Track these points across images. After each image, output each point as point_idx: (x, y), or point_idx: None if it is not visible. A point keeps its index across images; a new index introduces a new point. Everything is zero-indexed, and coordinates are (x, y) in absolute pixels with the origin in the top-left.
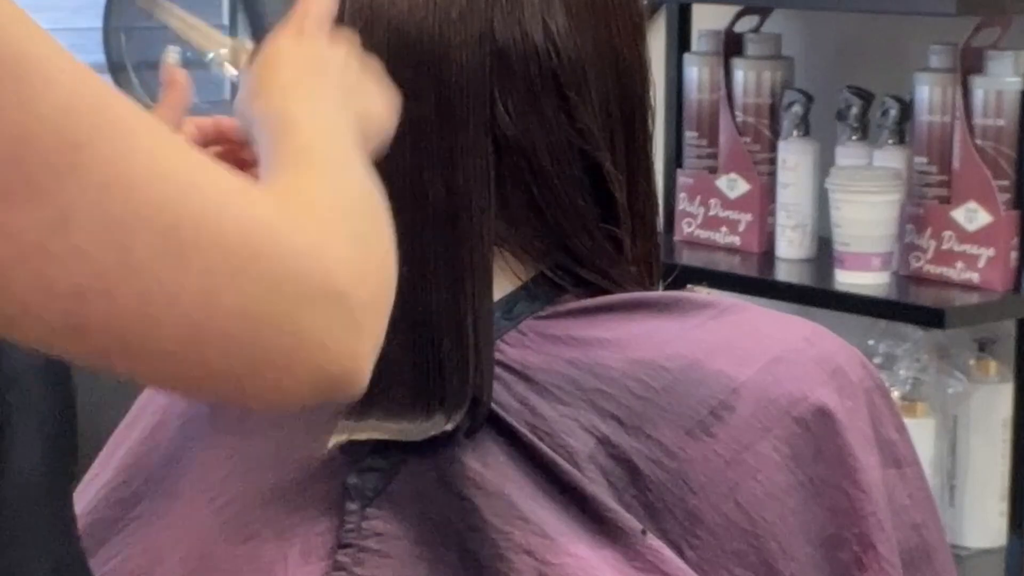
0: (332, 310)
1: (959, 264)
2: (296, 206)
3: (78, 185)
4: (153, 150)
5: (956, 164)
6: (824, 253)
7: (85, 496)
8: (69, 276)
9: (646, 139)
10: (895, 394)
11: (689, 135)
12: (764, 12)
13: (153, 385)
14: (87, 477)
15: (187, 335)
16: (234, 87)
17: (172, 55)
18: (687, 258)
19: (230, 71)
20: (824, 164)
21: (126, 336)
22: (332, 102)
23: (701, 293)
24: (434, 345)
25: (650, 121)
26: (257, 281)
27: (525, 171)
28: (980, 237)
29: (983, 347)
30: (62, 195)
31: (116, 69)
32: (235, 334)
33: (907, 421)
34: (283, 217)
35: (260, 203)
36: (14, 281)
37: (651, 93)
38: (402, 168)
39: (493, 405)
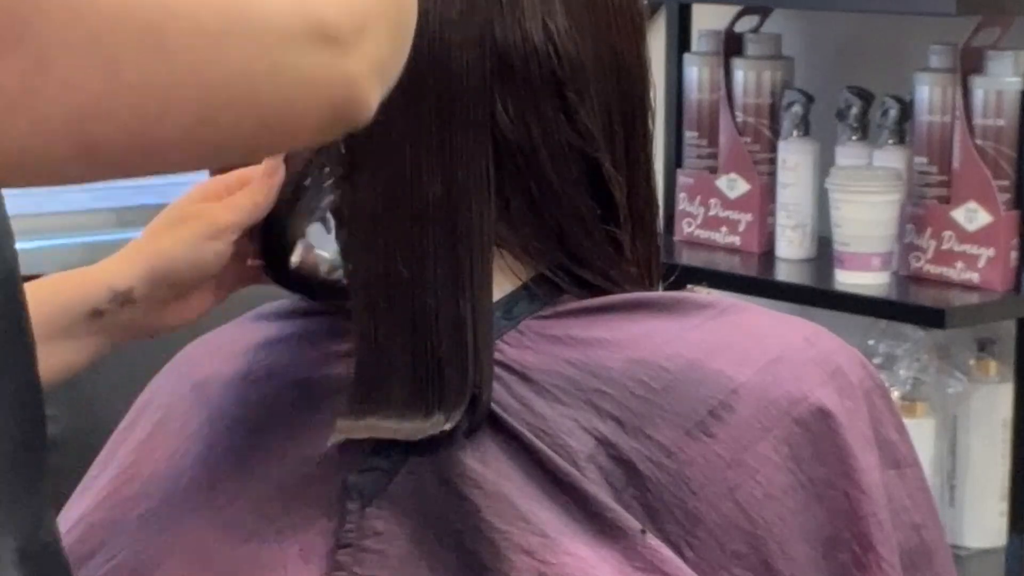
0: (317, 44)
1: (959, 264)
2: None
3: (43, 20)
4: None
5: (956, 164)
6: (824, 253)
7: (85, 497)
8: (64, 110)
9: (646, 140)
10: (895, 394)
11: (689, 135)
12: (764, 12)
13: (173, 169)
14: (87, 478)
15: (193, 119)
16: None
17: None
18: (687, 258)
19: None
20: (824, 164)
21: (136, 144)
22: None
23: (701, 293)
24: (433, 345)
25: (650, 122)
26: (239, 45)
27: (525, 171)
28: (980, 237)
29: (983, 347)
30: (31, 36)
31: None
32: (236, 99)
33: (907, 421)
34: None
35: None
36: (14, 127)
37: (651, 93)
38: (402, 168)
39: (493, 405)
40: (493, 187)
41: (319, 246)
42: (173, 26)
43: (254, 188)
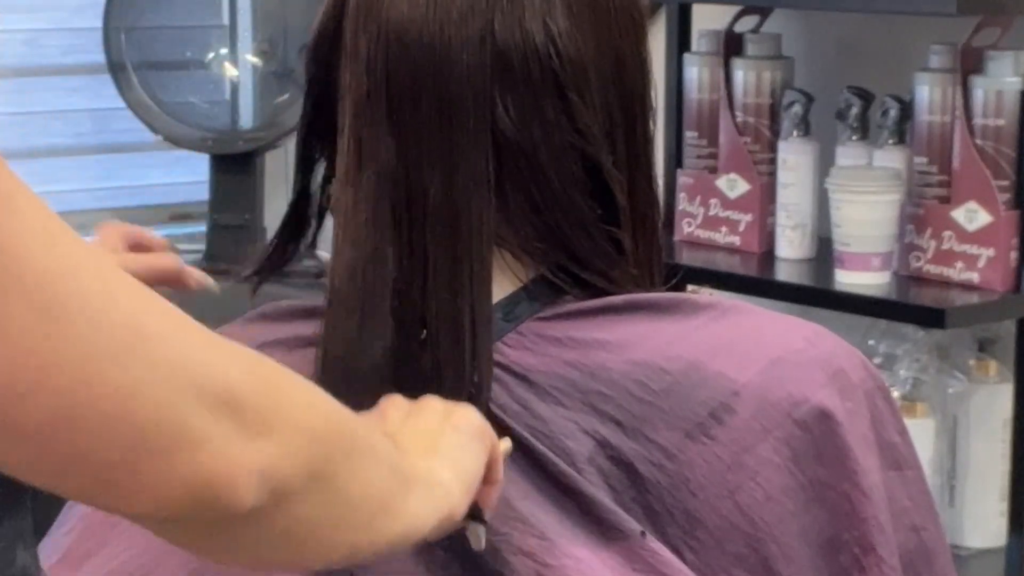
0: (223, 410)
1: (959, 264)
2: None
3: None
4: (46, 227)
5: (956, 164)
6: (824, 253)
7: None
8: None
9: (647, 140)
10: (895, 394)
11: (689, 135)
12: (764, 12)
13: (10, 471)
14: None
15: (58, 413)
16: (234, 87)
17: None
18: (687, 258)
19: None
20: (824, 164)
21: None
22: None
23: (702, 294)
24: (432, 345)
25: (651, 122)
26: (145, 363)
27: (525, 171)
28: (980, 237)
29: (983, 347)
30: None
31: (116, 69)
32: (112, 417)
33: (907, 421)
34: (203, 335)
35: (178, 323)
36: None
37: (652, 93)
38: (403, 168)
39: (492, 406)
40: (493, 187)
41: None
42: (79, 308)
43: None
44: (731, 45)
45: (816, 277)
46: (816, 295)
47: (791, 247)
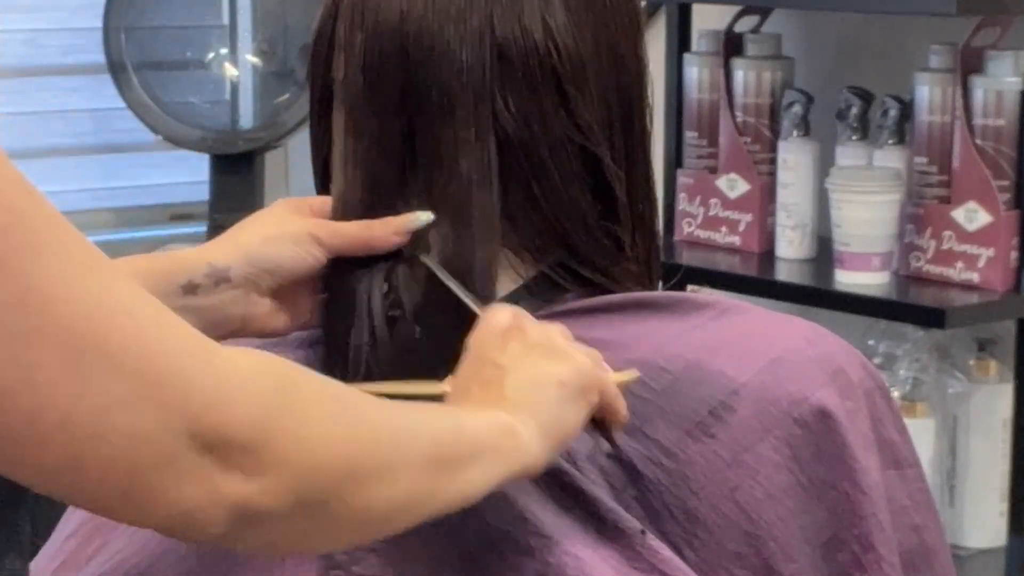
0: (210, 449)
1: (959, 264)
2: (259, 382)
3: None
4: (76, 263)
5: (956, 164)
6: (824, 253)
7: None
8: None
9: (644, 137)
10: (895, 394)
11: (689, 135)
12: (764, 12)
13: (28, 484)
14: None
15: (68, 458)
16: (234, 87)
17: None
18: (687, 258)
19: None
20: (824, 164)
21: (6, 449)
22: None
23: (703, 294)
24: (433, 339)
25: (648, 119)
26: (153, 409)
27: (525, 167)
28: (980, 237)
29: (983, 347)
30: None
31: (116, 69)
32: (115, 459)
33: (907, 421)
34: (213, 371)
35: (200, 351)
36: None
37: (649, 91)
38: (404, 166)
39: None
40: (497, 182)
41: None
42: (99, 358)
43: (371, 224)
44: (731, 45)
45: (816, 277)
46: (816, 295)
47: (791, 247)
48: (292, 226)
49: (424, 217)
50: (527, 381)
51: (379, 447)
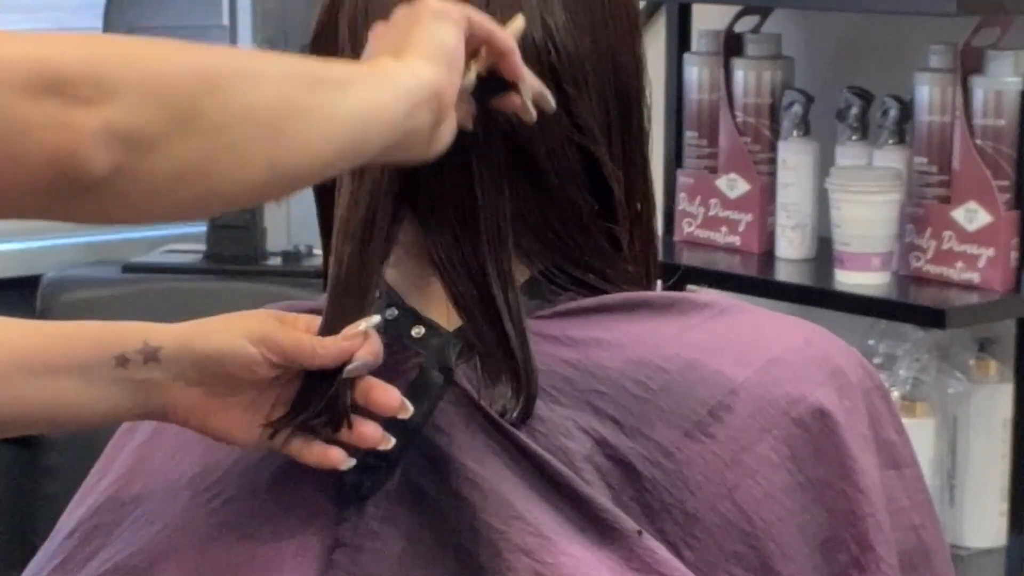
0: (41, 92)
1: (959, 264)
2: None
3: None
4: None
5: (956, 164)
6: (824, 253)
7: (87, 500)
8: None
9: (643, 137)
10: (895, 394)
11: (689, 135)
12: (764, 12)
13: None
14: (89, 482)
15: None
16: None
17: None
18: (687, 258)
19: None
20: (824, 164)
21: None
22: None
23: (701, 293)
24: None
25: (647, 119)
26: None
27: (523, 167)
28: (980, 237)
29: (983, 347)
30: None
31: None
32: None
33: (907, 421)
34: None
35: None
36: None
37: (648, 92)
38: (406, 165)
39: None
40: (507, 180)
41: None
42: None
43: (324, 342)
44: (731, 45)
45: (816, 277)
46: (816, 295)
47: (791, 247)
48: (252, 322)
49: (373, 321)
50: (399, 32)
51: (234, 58)
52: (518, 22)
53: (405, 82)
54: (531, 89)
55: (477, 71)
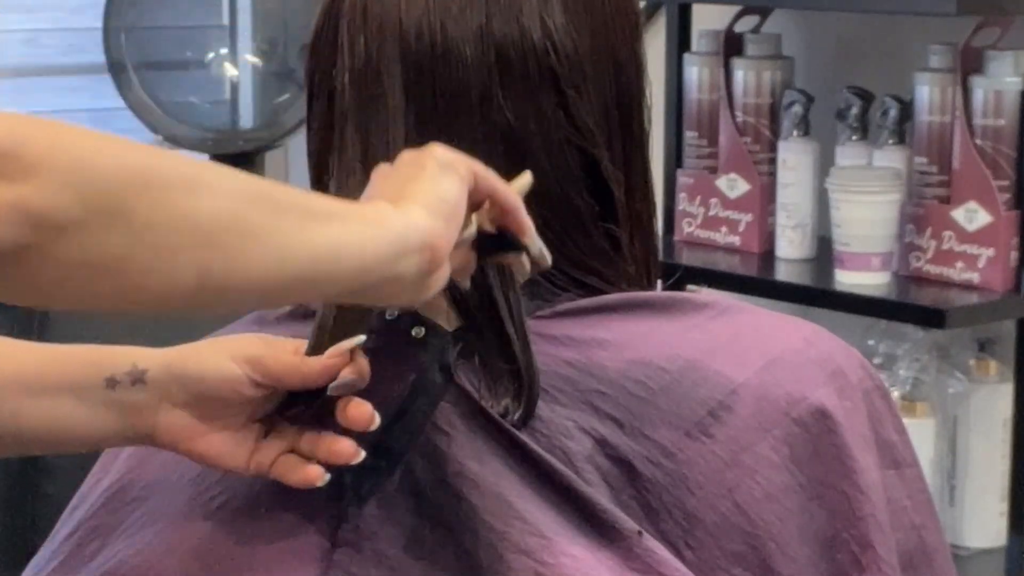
0: None
1: (959, 264)
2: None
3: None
4: None
5: (956, 164)
6: (824, 253)
7: (87, 500)
8: None
9: (643, 138)
10: (895, 394)
11: (689, 135)
12: (764, 12)
13: None
14: (89, 482)
15: None
16: (234, 87)
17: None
18: (687, 258)
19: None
20: (824, 164)
21: None
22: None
23: (701, 293)
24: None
25: (647, 120)
26: None
27: (523, 168)
28: (980, 237)
29: (983, 347)
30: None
31: (116, 69)
32: None
33: (907, 421)
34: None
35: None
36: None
37: (648, 92)
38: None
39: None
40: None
41: None
42: None
43: (309, 362)
44: (731, 45)
45: (816, 277)
46: (816, 295)
47: (791, 247)
48: (240, 344)
49: (358, 340)
50: (402, 179)
51: (189, 167)
52: (525, 178)
53: (396, 228)
54: (535, 245)
55: (479, 224)
